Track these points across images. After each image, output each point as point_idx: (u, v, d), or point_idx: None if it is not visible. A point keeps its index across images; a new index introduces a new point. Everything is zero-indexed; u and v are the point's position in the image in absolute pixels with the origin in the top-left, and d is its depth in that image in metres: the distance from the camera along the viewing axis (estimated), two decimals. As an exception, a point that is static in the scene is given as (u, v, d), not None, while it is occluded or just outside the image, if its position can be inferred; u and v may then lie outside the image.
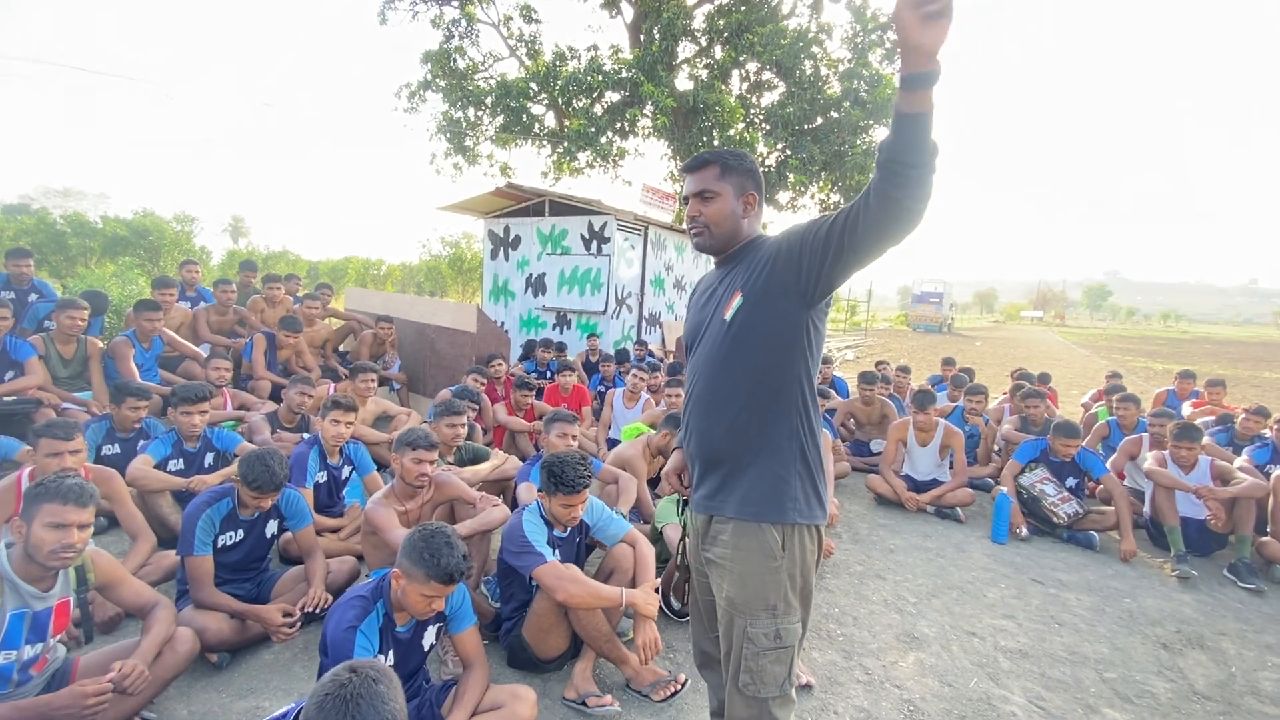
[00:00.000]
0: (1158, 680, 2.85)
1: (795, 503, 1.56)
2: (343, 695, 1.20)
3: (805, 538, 1.59)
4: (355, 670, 1.26)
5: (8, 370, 4.23)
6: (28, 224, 19.94)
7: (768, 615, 1.55)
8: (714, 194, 1.66)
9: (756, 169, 1.70)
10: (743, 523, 1.58)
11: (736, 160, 1.67)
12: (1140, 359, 23.71)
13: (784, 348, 1.55)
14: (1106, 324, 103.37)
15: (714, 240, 1.69)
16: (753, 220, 1.71)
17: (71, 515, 1.96)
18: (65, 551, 1.96)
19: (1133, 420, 5.55)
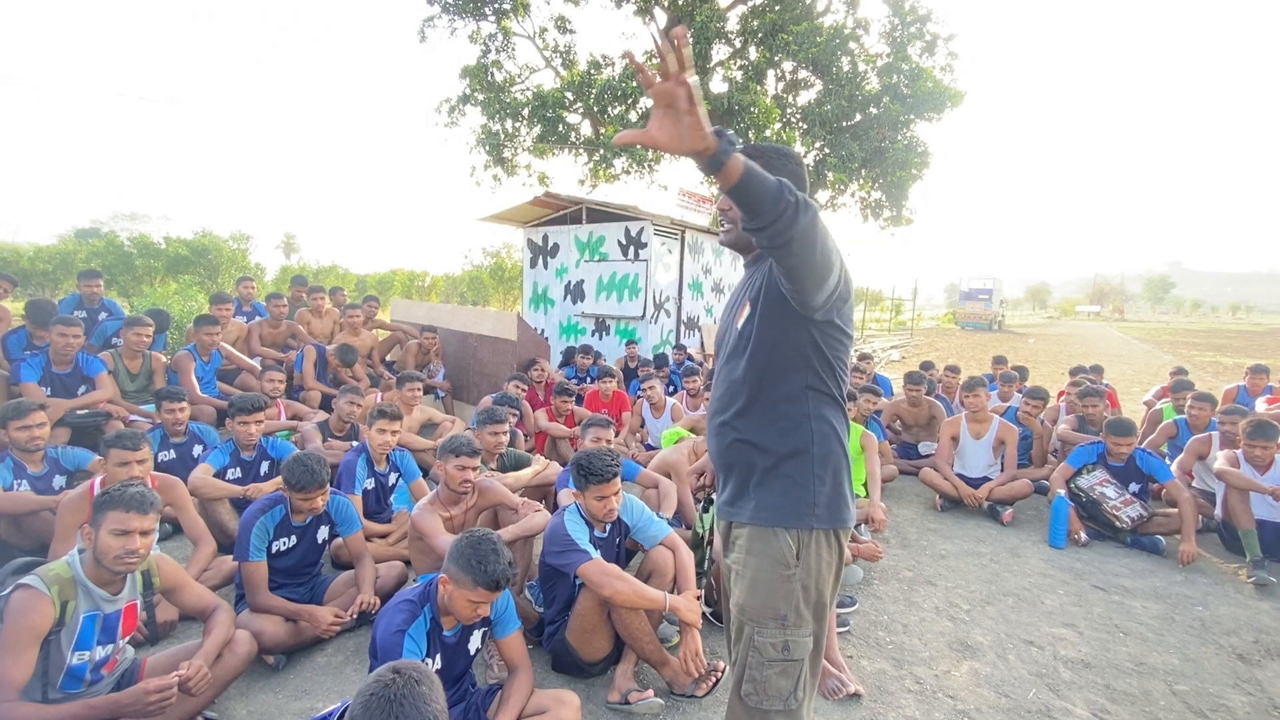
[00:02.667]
0: (1234, 694, 2.69)
1: (814, 508, 1.51)
2: (386, 695, 1.24)
3: (823, 545, 1.53)
4: (399, 671, 1.29)
5: (81, 385, 4.47)
6: (98, 246, 21.13)
7: (776, 625, 1.50)
8: None
9: (802, 171, 1.61)
10: (757, 528, 1.54)
11: (780, 160, 1.59)
12: (1208, 353, 22.51)
13: (790, 358, 1.51)
14: (1170, 317, 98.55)
15: (739, 238, 1.65)
16: None
17: (134, 522, 2.06)
18: (129, 557, 2.06)
19: (1205, 420, 5.23)
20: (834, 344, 1.52)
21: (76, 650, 2.05)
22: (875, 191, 14.68)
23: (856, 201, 15.17)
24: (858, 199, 15.11)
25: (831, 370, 1.53)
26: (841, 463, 1.55)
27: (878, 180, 14.22)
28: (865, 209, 15.11)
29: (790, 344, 1.50)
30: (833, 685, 2.55)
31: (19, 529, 3.23)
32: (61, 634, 2.02)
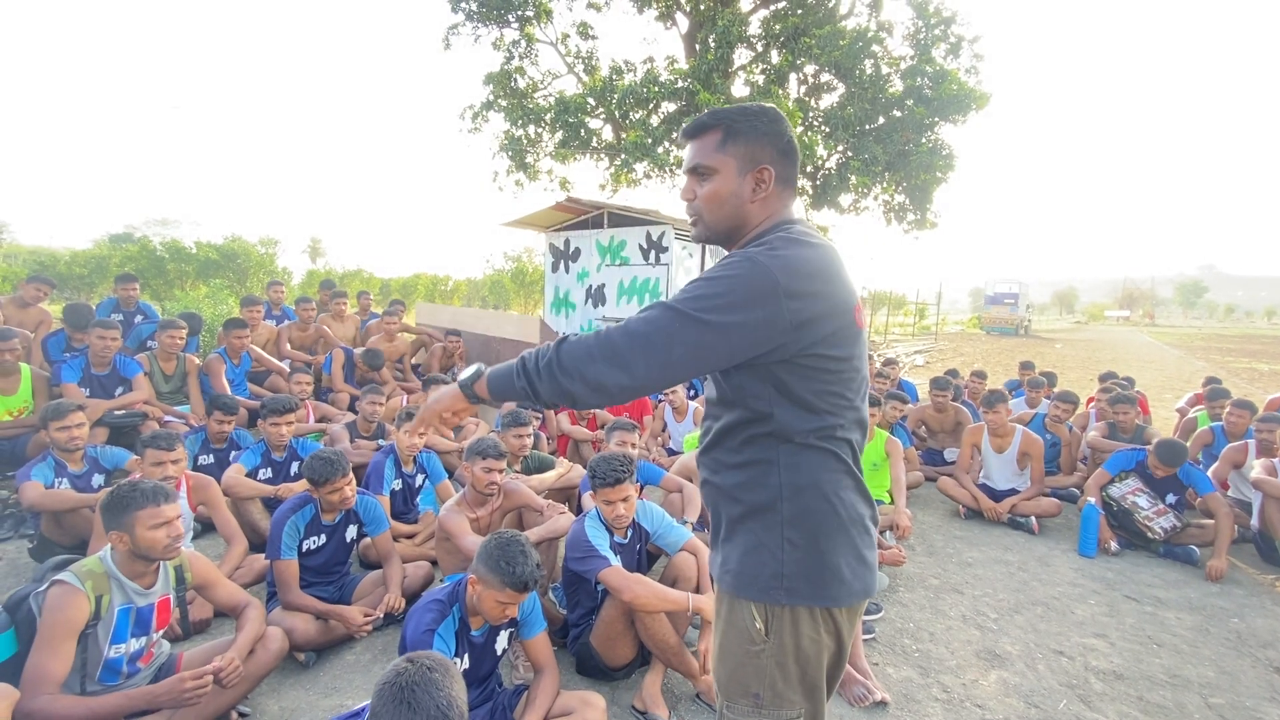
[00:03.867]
0: (1271, 707, 2.62)
1: (780, 579, 1.21)
2: (399, 683, 1.29)
3: (803, 623, 1.22)
4: (413, 660, 1.34)
5: (118, 386, 4.60)
6: (131, 251, 21.69)
7: (749, 704, 1.26)
8: (709, 170, 1.29)
9: (779, 129, 1.29)
10: (722, 592, 1.31)
11: (747, 121, 1.27)
12: (1243, 360, 21.92)
13: (748, 399, 1.23)
14: (1202, 322, 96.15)
15: (709, 231, 1.34)
16: (769, 203, 1.30)
17: (168, 511, 2.14)
18: (176, 543, 2.15)
19: (1244, 428, 5.09)
20: (817, 378, 1.19)
21: (113, 643, 2.11)
22: (899, 195, 14.56)
23: (880, 205, 15.05)
24: (881, 202, 15.00)
25: (814, 410, 1.20)
26: (829, 523, 1.21)
27: (901, 184, 14.10)
28: (889, 212, 14.98)
29: (744, 384, 1.22)
30: (859, 693, 2.54)
31: (60, 526, 3.33)
32: (98, 627, 2.08)
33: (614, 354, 1.13)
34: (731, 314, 1.11)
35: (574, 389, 1.14)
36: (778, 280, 1.12)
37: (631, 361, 1.13)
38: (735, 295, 1.12)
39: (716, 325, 1.11)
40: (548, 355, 1.17)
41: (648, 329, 1.13)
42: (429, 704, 1.25)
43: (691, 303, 1.13)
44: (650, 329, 1.13)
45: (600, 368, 1.13)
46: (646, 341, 1.13)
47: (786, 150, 1.30)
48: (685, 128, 1.34)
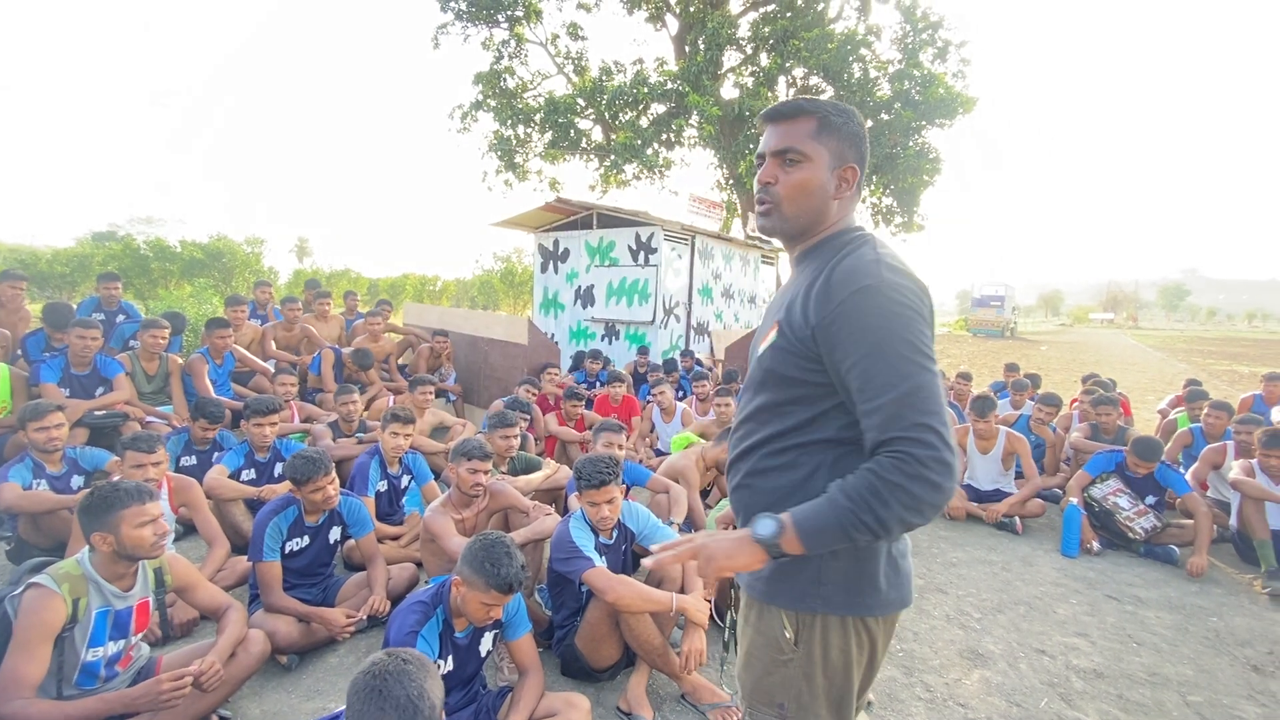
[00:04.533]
0: (1248, 705, 2.66)
1: (818, 586, 1.18)
2: (372, 673, 1.32)
3: (834, 633, 1.19)
4: (389, 654, 1.37)
5: (99, 386, 4.53)
6: (115, 249, 21.44)
7: (773, 715, 1.25)
8: (801, 157, 1.22)
9: (864, 134, 1.26)
10: (750, 598, 1.29)
11: (840, 116, 1.23)
12: (1223, 361, 22.26)
13: (811, 405, 1.20)
14: (1184, 325, 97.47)
15: (785, 222, 1.26)
16: (846, 205, 1.27)
17: (152, 509, 2.12)
18: (162, 540, 2.14)
19: (1222, 429, 5.18)
20: None
21: (90, 646, 2.08)
22: (886, 198, 14.67)
23: (868, 207, 15.15)
24: (869, 205, 15.10)
25: None
26: None
27: (888, 186, 14.21)
28: (876, 215, 15.09)
29: (812, 389, 1.19)
30: None
31: (37, 528, 3.28)
32: (75, 630, 2.05)
33: (931, 437, 1.04)
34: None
35: (929, 501, 1.03)
36: (924, 302, 1.14)
37: (942, 428, 1.05)
38: (922, 325, 1.12)
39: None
40: (890, 504, 1.03)
41: (919, 394, 1.06)
42: (400, 694, 1.27)
43: (918, 348, 1.09)
44: (921, 393, 1.06)
45: (932, 472, 1.03)
46: (936, 412, 1.06)
47: (865, 156, 1.28)
48: (773, 109, 1.27)
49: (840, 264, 1.15)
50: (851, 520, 1.04)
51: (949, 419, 1.07)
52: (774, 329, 1.25)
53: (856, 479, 1.06)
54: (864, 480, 1.05)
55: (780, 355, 1.21)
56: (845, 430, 1.18)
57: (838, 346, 1.11)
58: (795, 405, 1.21)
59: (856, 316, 1.09)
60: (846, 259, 1.16)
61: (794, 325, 1.18)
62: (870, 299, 1.09)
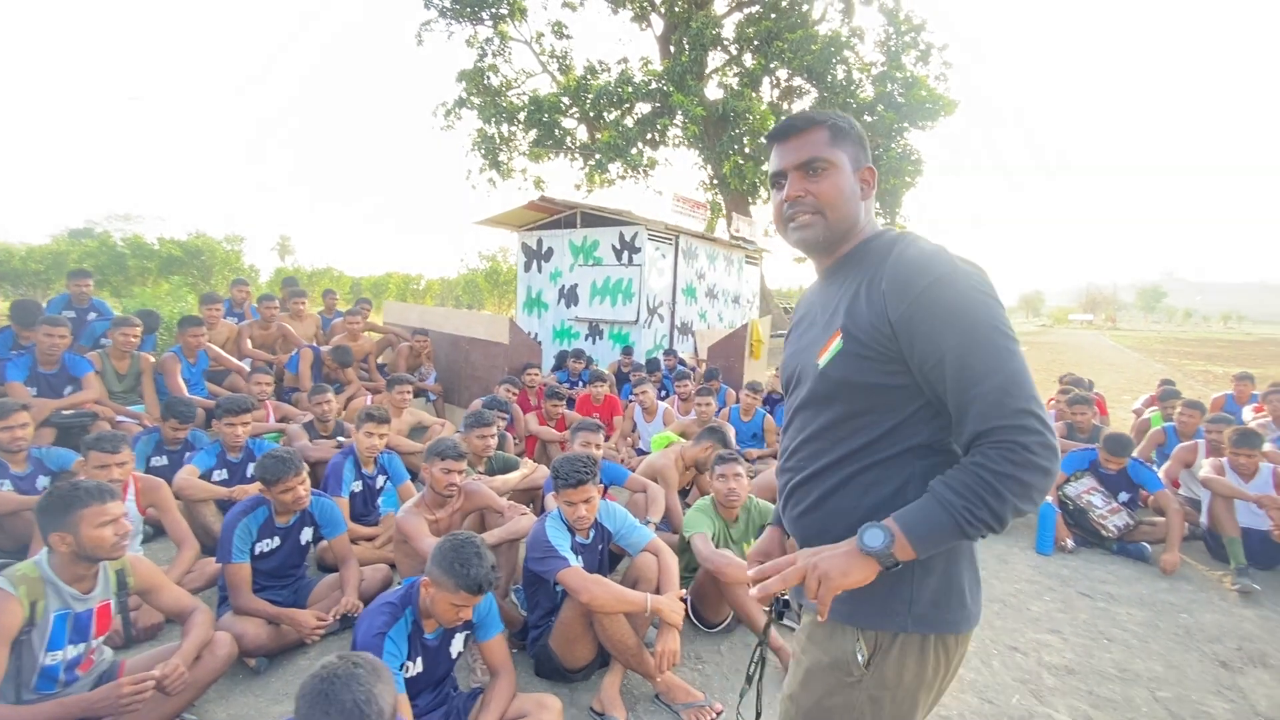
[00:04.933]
0: (1216, 700, 2.70)
1: (909, 604, 1.12)
2: (320, 676, 1.31)
3: (911, 654, 1.13)
4: (340, 658, 1.35)
5: (67, 385, 4.44)
6: (91, 246, 21.08)
7: None
8: (827, 165, 1.21)
9: (866, 139, 1.29)
10: (831, 622, 1.20)
11: (847, 124, 1.24)
12: (1198, 362, 22.64)
13: (894, 412, 1.14)
14: (1162, 326, 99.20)
15: (829, 231, 1.22)
16: (869, 207, 1.28)
17: (113, 509, 2.08)
18: (124, 541, 2.10)
19: (1194, 428, 5.26)
20: None
21: (49, 650, 2.04)
22: (869, 199, 14.78)
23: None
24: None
25: (949, 422, 1.13)
26: (961, 545, 1.15)
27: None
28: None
29: (894, 394, 1.13)
30: None
31: (0, 529, 3.20)
32: (33, 634, 2.00)
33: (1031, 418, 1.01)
34: None
35: (1040, 487, 1.01)
36: (994, 288, 1.12)
37: (1042, 412, 1.02)
38: (1002, 309, 1.09)
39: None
40: (1004, 496, 0.99)
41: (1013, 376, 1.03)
42: (347, 698, 1.25)
43: (1006, 332, 1.06)
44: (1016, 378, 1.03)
45: (1041, 457, 1.00)
46: (1029, 392, 1.03)
47: (870, 156, 1.30)
48: (781, 126, 1.24)
49: (901, 257, 1.12)
50: (966, 517, 1.00)
51: (1042, 401, 1.04)
52: (836, 337, 1.17)
53: (963, 474, 1.02)
54: (972, 475, 1.01)
55: (854, 362, 1.14)
56: (935, 435, 1.13)
57: (922, 338, 1.06)
58: (876, 415, 1.15)
59: (940, 305, 1.06)
60: (906, 251, 1.12)
61: (864, 327, 1.12)
62: (950, 287, 1.06)
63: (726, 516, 3.08)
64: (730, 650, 2.92)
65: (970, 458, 1.03)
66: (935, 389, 1.08)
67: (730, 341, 8.23)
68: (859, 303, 1.14)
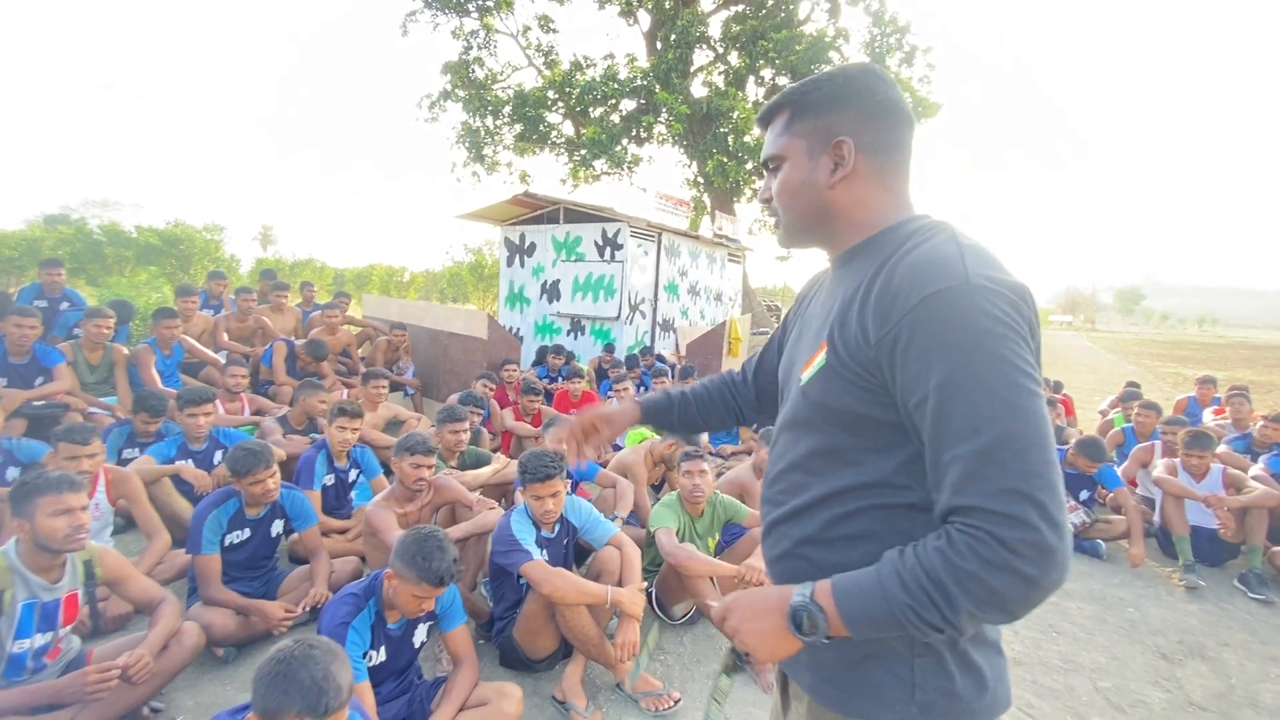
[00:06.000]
0: (1153, 690, 2.83)
1: (912, 692, 0.89)
2: (278, 658, 1.36)
3: None
4: (298, 641, 1.40)
5: (38, 376, 4.42)
6: (66, 234, 20.71)
7: None
8: (779, 159, 1.03)
9: (860, 86, 0.97)
10: (818, 707, 0.99)
11: (817, 89, 0.99)
12: (1171, 364, 23.14)
13: (880, 452, 0.90)
14: (1139, 328, 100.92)
15: (788, 233, 1.07)
16: (856, 186, 0.98)
17: (71, 500, 2.10)
18: (78, 534, 2.11)
19: (1150, 428, 5.43)
20: None
21: (16, 638, 2.07)
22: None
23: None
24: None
25: None
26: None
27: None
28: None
29: (881, 431, 0.90)
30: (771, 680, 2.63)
31: (-32, 520, 3.21)
32: (0, 622, 2.04)
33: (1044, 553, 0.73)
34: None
35: (1017, 598, 0.75)
36: (1025, 310, 0.84)
37: (1044, 495, 0.74)
38: (1021, 343, 0.81)
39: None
40: (957, 601, 0.75)
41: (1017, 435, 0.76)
42: (305, 678, 1.30)
43: (1016, 375, 0.78)
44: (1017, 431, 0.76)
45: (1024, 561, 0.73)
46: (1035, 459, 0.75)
47: (876, 112, 0.97)
48: (759, 114, 1.09)
49: (907, 258, 0.87)
50: (908, 615, 0.78)
51: (1060, 474, 0.77)
52: (822, 349, 0.95)
53: (920, 555, 0.79)
54: (929, 561, 0.77)
55: (834, 383, 0.92)
56: (921, 487, 0.89)
57: (905, 371, 0.82)
58: (865, 452, 0.92)
59: (931, 330, 0.80)
60: (915, 251, 0.87)
61: (849, 343, 0.90)
62: (951, 305, 0.80)
63: (692, 512, 3.16)
64: (692, 642, 3.00)
65: (937, 536, 0.79)
66: (919, 435, 0.84)
67: (709, 339, 8.32)
68: (850, 310, 0.91)
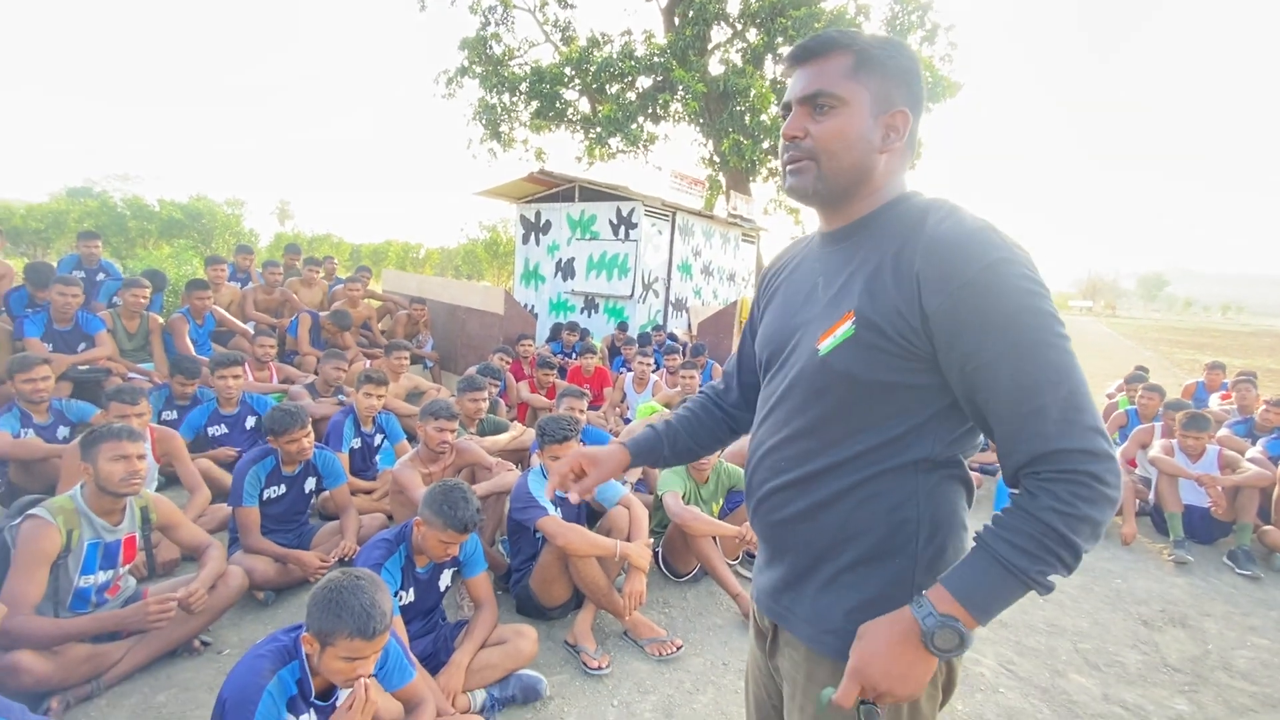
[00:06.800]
0: (1130, 652, 2.99)
1: None
2: (329, 586, 1.55)
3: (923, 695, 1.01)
4: (345, 572, 1.59)
5: (81, 342, 4.67)
6: (91, 206, 21.11)
7: None
8: (835, 101, 0.99)
9: (918, 70, 1.02)
10: (817, 655, 1.05)
11: (884, 50, 1.00)
12: (1189, 351, 22.91)
13: (903, 417, 0.97)
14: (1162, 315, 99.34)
15: (822, 182, 1.02)
16: (896, 161, 1.04)
17: (129, 448, 2.32)
18: (133, 479, 2.32)
19: (1154, 411, 5.52)
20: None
21: (82, 574, 2.30)
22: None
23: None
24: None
25: (972, 437, 1.01)
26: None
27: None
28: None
29: (909, 396, 0.96)
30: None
31: (29, 473, 3.46)
32: (69, 559, 2.27)
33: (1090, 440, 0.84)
34: None
35: (1108, 522, 0.86)
36: None
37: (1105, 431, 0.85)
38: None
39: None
40: (1076, 545, 0.83)
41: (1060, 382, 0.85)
42: (355, 604, 1.50)
43: (1065, 335, 0.89)
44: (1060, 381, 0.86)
45: (1112, 488, 0.83)
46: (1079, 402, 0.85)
47: (920, 100, 1.03)
48: (798, 46, 1.03)
49: (939, 233, 0.92)
50: (1037, 579, 0.84)
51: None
52: (846, 320, 0.97)
53: (1024, 521, 0.84)
54: (1038, 524, 0.83)
55: (867, 354, 0.95)
56: (946, 449, 0.98)
57: (966, 336, 0.88)
58: (881, 417, 0.98)
59: (994, 297, 0.87)
60: (944, 225, 0.93)
61: (887, 313, 0.93)
62: (1008, 276, 0.87)
63: (698, 478, 3.34)
64: (696, 597, 3.21)
65: (1029, 496, 0.85)
66: (972, 397, 0.91)
67: (720, 318, 8.45)
68: (881, 282, 0.94)
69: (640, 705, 2.40)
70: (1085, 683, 2.73)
